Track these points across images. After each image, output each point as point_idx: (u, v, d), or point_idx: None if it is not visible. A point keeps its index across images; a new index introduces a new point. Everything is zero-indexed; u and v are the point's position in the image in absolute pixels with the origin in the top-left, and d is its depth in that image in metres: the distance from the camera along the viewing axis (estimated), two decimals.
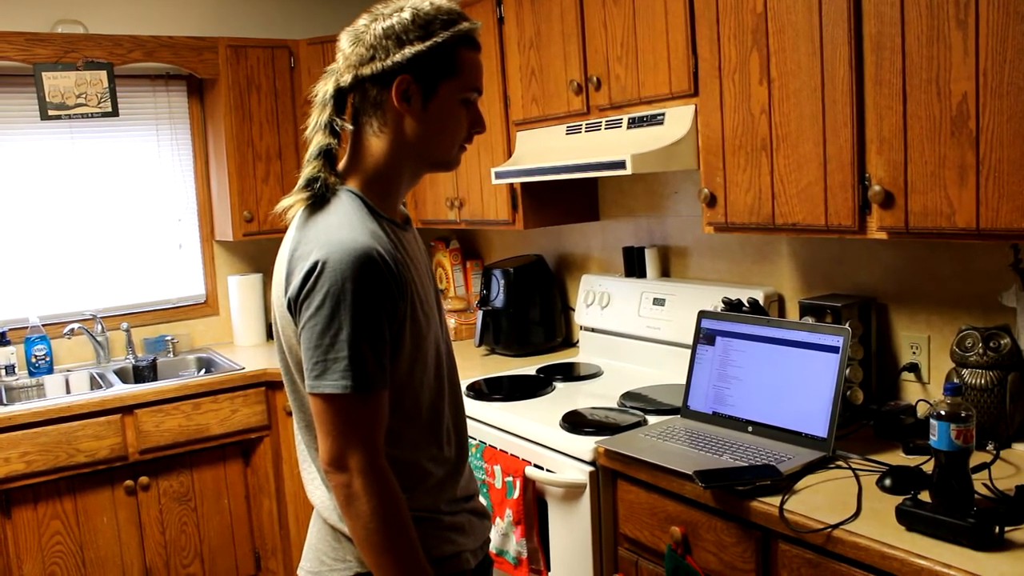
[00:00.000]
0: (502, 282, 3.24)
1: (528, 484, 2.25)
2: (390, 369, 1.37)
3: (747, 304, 2.21)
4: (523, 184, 2.91)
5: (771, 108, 1.95)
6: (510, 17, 2.83)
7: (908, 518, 1.50)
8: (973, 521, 1.42)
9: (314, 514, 1.54)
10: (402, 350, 1.39)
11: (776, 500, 1.67)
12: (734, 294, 2.42)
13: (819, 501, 1.66)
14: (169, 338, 3.66)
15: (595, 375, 2.83)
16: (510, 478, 2.29)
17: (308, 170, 1.43)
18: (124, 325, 3.56)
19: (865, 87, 1.77)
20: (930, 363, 2.09)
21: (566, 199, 3.03)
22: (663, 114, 2.28)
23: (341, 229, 1.35)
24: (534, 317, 3.24)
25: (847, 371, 2.04)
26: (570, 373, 2.87)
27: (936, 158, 1.64)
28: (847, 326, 1.91)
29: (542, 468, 2.24)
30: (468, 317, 3.63)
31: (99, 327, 3.49)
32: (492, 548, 2.36)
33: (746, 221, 2.06)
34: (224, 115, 3.51)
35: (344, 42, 1.44)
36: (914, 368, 2.11)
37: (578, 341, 3.19)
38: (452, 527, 1.50)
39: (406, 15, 1.40)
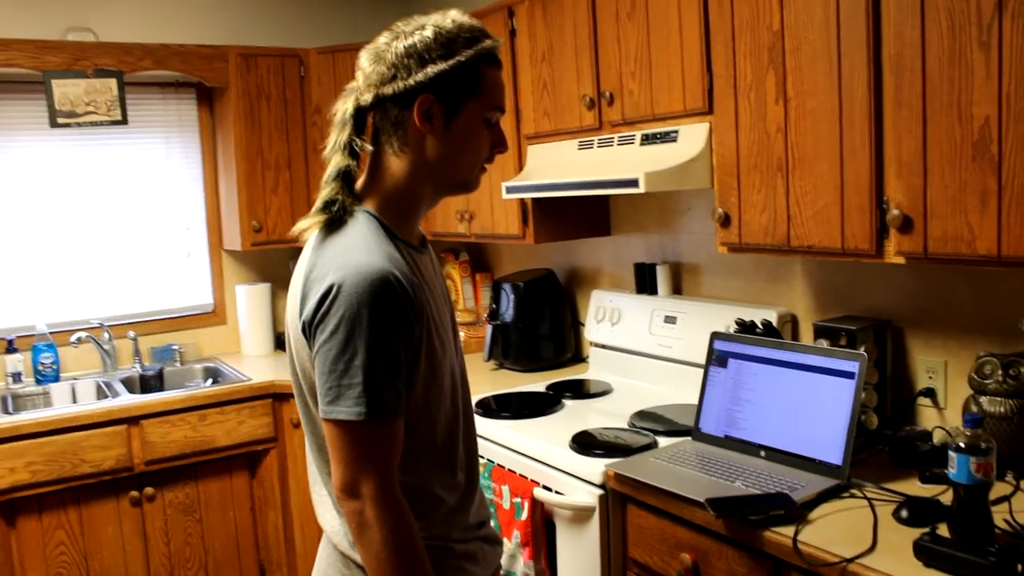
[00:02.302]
0: (512, 296, 3.21)
1: (536, 506, 2.22)
2: (406, 394, 1.34)
3: (761, 326, 2.18)
4: (534, 199, 2.88)
5: (787, 128, 1.92)
6: (522, 30, 2.81)
7: (926, 554, 1.46)
8: (994, 559, 1.39)
9: (324, 538, 1.51)
10: (417, 375, 1.36)
11: (789, 531, 1.63)
12: (747, 314, 2.39)
13: (834, 532, 1.62)
14: (176, 347, 3.64)
15: (605, 392, 2.80)
16: (518, 499, 2.26)
17: (326, 192, 1.40)
18: (131, 334, 3.54)
19: (884, 109, 1.73)
20: (947, 388, 2.05)
21: (577, 214, 3.00)
22: (677, 131, 2.25)
23: (357, 251, 1.32)
24: (544, 332, 3.21)
25: (862, 396, 2.01)
26: (580, 390, 2.84)
27: (957, 183, 1.60)
28: (863, 351, 1.87)
29: (551, 490, 2.20)
30: (477, 330, 3.60)
31: (106, 335, 3.48)
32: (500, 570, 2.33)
33: (760, 242, 2.03)
34: (233, 124, 3.49)
35: (364, 60, 1.41)
36: (930, 393, 2.07)
37: (588, 357, 3.16)
38: (464, 556, 1.47)
39: (428, 33, 1.37)
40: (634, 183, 2.18)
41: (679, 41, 2.20)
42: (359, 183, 1.45)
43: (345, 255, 1.31)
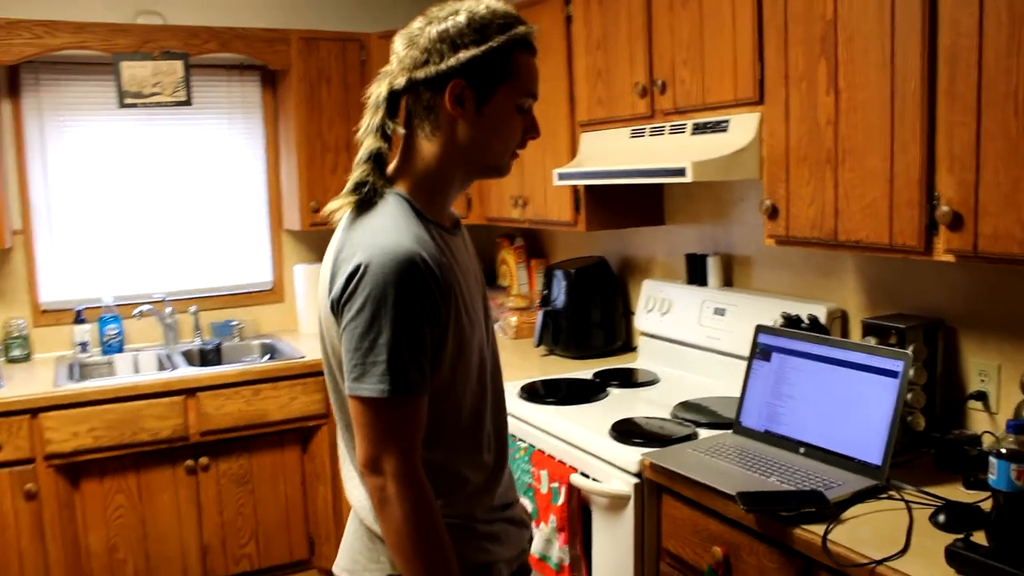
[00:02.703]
0: (563, 283, 3.21)
1: (573, 492, 2.23)
2: (432, 373, 1.37)
3: (806, 321, 2.14)
4: (586, 186, 2.87)
5: (837, 119, 1.88)
6: (578, 16, 2.79)
7: (958, 561, 1.43)
8: None
9: (351, 513, 1.55)
10: (444, 354, 1.38)
11: (820, 529, 1.61)
12: (797, 308, 2.35)
13: (866, 533, 1.59)
14: (235, 323, 3.74)
15: (652, 382, 2.79)
16: (556, 484, 2.27)
17: (357, 173, 1.43)
18: (192, 308, 3.66)
19: (937, 101, 1.68)
20: (1000, 393, 1.98)
21: (630, 202, 2.98)
22: (727, 121, 2.22)
23: (385, 232, 1.34)
24: (595, 319, 3.20)
25: (908, 396, 1.96)
26: (626, 379, 2.83)
27: (1010, 179, 1.55)
28: (908, 351, 1.83)
29: (588, 476, 2.21)
30: (530, 316, 3.61)
31: (168, 309, 3.59)
32: (535, 553, 2.35)
33: (807, 235, 1.99)
34: (295, 106, 3.56)
35: (398, 44, 1.43)
36: (982, 396, 2.01)
37: (638, 346, 3.14)
38: (487, 536, 1.49)
39: (461, 19, 1.38)
40: (681, 172, 2.16)
41: (731, 30, 2.16)
42: (392, 166, 1.47)
43: (373, 236, 1.34)
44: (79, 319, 3.45)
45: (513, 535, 1.56)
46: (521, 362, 3.19)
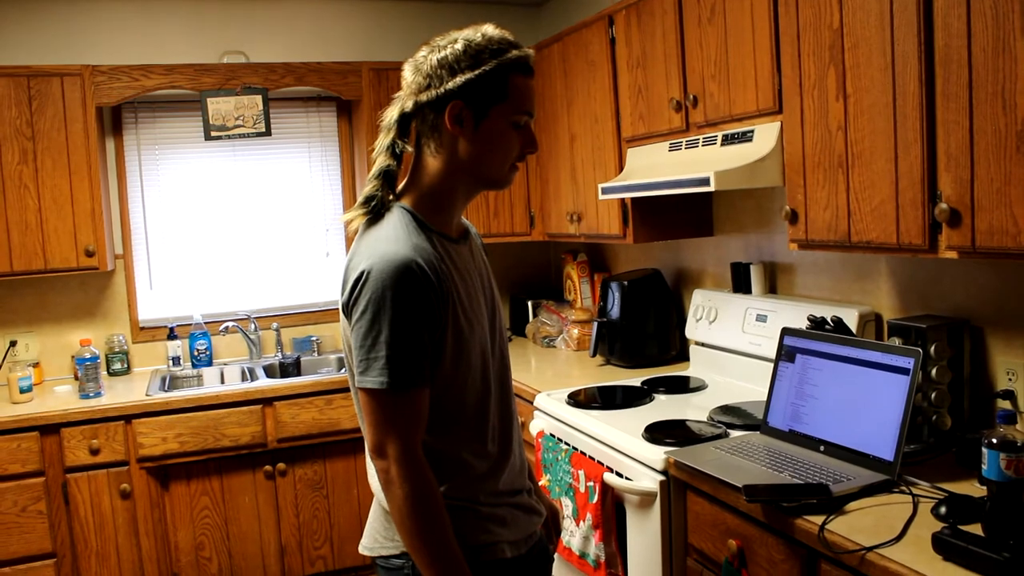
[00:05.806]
0: (617, 294, 3.30)
1: (607, 490, 2.31)
2: (434, 369, 1.50)
3: (831, 322, 2.17)
4: (634, 199, 2.96)
5: (847, 124, 1.93)
6: (620, 37, 2.90)
7: (944, 547, 1.45)
8: (1008, 556, 1.37)
9: (375, 497, 1.69)
10: (445, 352, 1.51)
11: (821, 519, 1.65)
12: (835, 312, 2.38)
13: (865, 524, 1.63)
14: (314, 338, 3.97)
15: (699, 388, 2.84)
16: (591, 483, 2.36)
17: (367, 188, 1.59)
18: (274, 325, 3.91)
19: (936, 102, 1.72)
20: None
21: (678, 214, 3.05)
22: (752, 131, 2.28)
23: (387, 242, 1.49)
24: (649, 329, 3.28)
25: (932, 395, 1.98)
26: (674, 386, 2.89)
27: (1001, 175, 1.58)
28: (918, 347, 1.85)
29: (621, 475, 2.29)
30: (591, 328, 3.70)
31: (252, 326, 3.86)
32: (575, 550, 2.44)
33: (824, 238, 2.04)
34: (366, 133, 3.78)
35: (407, 71, 1.58)
36: (1009, 395, 1.99)
37: (690, 354, 3.19)
38: (490, 518, 1.60)
39: (459, 46, 1.52)
40: (705, 182, 2.24)
41: (752, 43, 2.24)
42: (403, 182, 1.62)
43: (376, 245, 1.49)
44: (171, 335, 3.75)
45: (520, 520, 1.66)
46: (578, 372, 3.29)
